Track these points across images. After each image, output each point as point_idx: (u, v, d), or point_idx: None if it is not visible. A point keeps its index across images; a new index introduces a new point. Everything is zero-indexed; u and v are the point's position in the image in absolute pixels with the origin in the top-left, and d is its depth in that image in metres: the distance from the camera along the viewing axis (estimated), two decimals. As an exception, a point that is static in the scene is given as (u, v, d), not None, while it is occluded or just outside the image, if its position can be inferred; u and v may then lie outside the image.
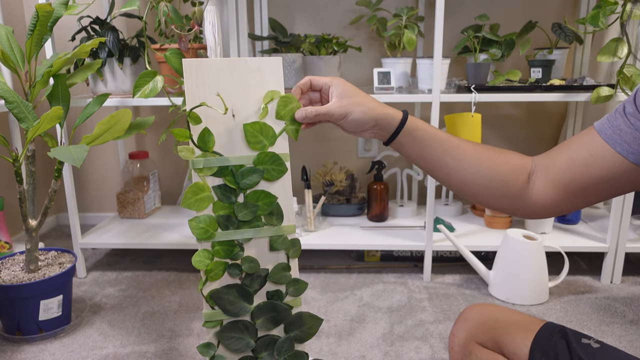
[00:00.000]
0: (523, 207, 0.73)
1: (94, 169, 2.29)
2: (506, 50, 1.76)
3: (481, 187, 0.74)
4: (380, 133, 0.76)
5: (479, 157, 0.74)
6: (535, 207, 0.72)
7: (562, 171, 0.69)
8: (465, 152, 0.74)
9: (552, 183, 0.70)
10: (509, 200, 0.73)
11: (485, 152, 0.74)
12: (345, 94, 0.75)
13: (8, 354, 1.34)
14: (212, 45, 1.50)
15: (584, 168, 0.67)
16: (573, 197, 0.69)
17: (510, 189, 0.72)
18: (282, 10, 2.04)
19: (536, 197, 0.72)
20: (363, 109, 0.74)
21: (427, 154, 0.75)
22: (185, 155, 0.79)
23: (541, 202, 0.71)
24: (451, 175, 0.75)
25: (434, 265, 1.79)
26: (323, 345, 1.35)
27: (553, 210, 0.72)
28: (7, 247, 1.75)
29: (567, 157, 0.69)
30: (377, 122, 0.74)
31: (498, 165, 0.73)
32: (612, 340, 1.35)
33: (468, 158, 0.74)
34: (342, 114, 0.74)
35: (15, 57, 1.33)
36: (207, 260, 0.81)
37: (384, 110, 0.74)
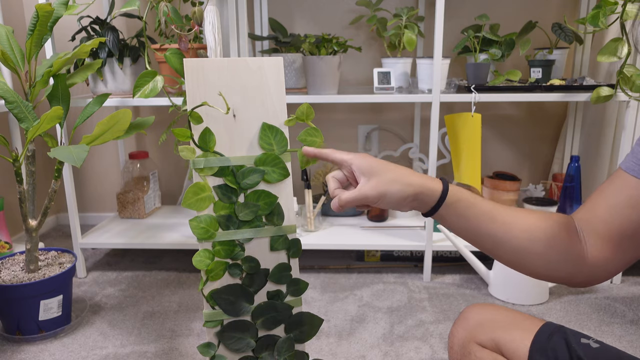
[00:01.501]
0: (582, 270, 0.66)
1: (94, 169, 2.29)
2: (506, 50, 1.76)
3: (536, 254, 0.67)
4: (420, 206, 0.70)
5: (527, 222, 0.68)
6: (593, 267, 0.66)
7: (607, 221, 0.64)
8: (513, 218, 0.68)
9: (600, 237, 0.64)
10: (571, 264, 0.66)
11: (532, 216, 0.69)
12: (374, 171, 0.70)
13: (8, 354, 1.34)
14: (212, 45, 1.50)
15: (628, 211, 0.62)
16: (627, 247, 0.64)
17: (569, 249, 0.66)
18: (282, 10, 2.04)
19: (592, 256, 0.65)
20: (399, 186, 0.69)
21: (472, 225, 0.69)
22: (186, 155, 0.79)
23: (598, 260, 0.65)
24: (501, 245, 0.69)
25: (434, 265, 1.79)
26: (323, 345, 1.35)
27: (610, 267, 0.65)
28: (7, 247, 1.75)
29: (606, 205, 0.64)
30: (417, 197, 0.69)
31: (549, 227, 0.67)
32: (612, 340, 1.36)
33: (517, 224, 0.68)
34: (377, 195, 0.69)
35: (15, 57, 1.33)
36: (207, 260, 0.81)
37: (422, 182, 0.69)
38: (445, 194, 0.69)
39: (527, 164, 2.17)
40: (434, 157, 1.64)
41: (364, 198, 0.69)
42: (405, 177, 0.69)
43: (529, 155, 2.15)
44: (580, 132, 2.02)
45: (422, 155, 2.01)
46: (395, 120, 2.14)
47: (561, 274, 0.68)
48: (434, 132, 1.62)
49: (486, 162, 2.10)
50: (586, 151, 1.99)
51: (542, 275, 0.69)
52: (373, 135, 2.14)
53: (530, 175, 2.18)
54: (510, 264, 0.70)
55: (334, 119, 2.15)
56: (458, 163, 1.74)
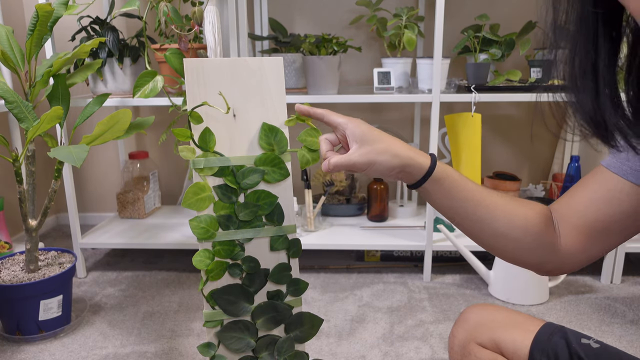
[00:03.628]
0: (555, 259, 0.69)
1: (94, 169, 2.28)
2: (506, 50, 1.76)
3: (514, 240, 0.69)
4: (407, 178, 0.71)
5: (509, 207, 0.70)
6: (565, 256, 0.68)
7: (582, 214, 0.66)
8: (496, 202, 0.70)
9: (575, 228, 0.67)
10: (543, 252, 0.69)
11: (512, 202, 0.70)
12: (366, 139, 0.70)
13: (8, 354, 1.34)
14: (212, 45, 1.50)
15: (604, 206, 0.64)
16: (599, 239, 0.66)
17: (543, 238, 0.68)
18: (282, 10, 2.04)
19: (564, 245, 0.68)
20: (387, 157, 0.69)
21: (455, 204, 0.71)
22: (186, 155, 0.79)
23: (569, 250, 0.68)
24: (480, 227, 0.70)
25: (434, 265, 1.79)
26: (323, 345, 1.35)
27: (581, 257, 0.68)
28: (7, 247, 1.75)
29: (585, 198, 0.66)
30: (404, 169, 0.69)
31: (528, 214, 0.69)
32: (612, 340, 1.36)
33: (499, 208, 0.69)
34: (365, 162, 0.69)
35: (15, 57, 1.33)
36: (207, 260, 0.81)
37: (411, 155, 0.70)
38: (433, 169, 0.70)
39: (527, 164, 2.17)
40: (434, 157, 1.64)
41: (352, 164, 0.70)
42: (396, 148, 0.70)
43: (529, 155, 2.15)
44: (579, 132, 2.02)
45: (422, 155, 2.01)
46: (395, 120, 2.14)
47: (533, 261, 0.70)
48: (434, 132, 1.62)
49: (486, 162, 2.10)
50: (586, 151, 1.99)
51: (516, 260, 0.72)
52: (373, 135, 2.14)
53: (530, 175, 2.18)
54: (486, 246, 0.73)
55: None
56: (458, 163, 1.74)
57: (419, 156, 0.70)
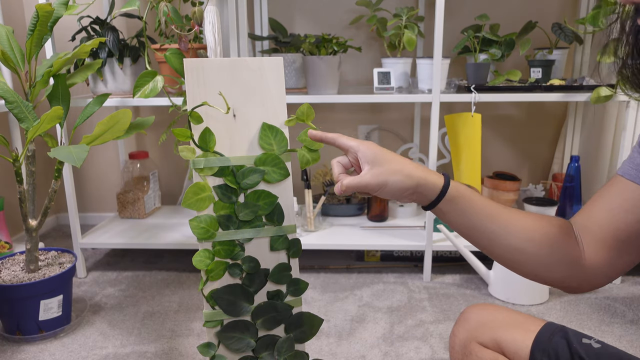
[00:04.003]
0: (579, 274, 0.67)
1: (94, 169, 2.28)
2: (506, 50, 1.76)
3: (532, 255, 0.67)
4: (420, 199, 0.71)
5: (525, 222, 0.68)
6: (590, 271, 0.66)
7: (604, 225, 0.65)
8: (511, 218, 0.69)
9: (597, 240, 0.65)
10: (566, 267, 0.67)
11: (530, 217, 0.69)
12: (378, 160, 0.70)
13: (8, 354, 1.34)
14: (212, 45, 1.50)
15: (624, 214, 0.63)
16: (623, 250, 0.64)
17: (565, 252, 0.66)
18: (282, 10, 2.04)
19: (589, 259, 0.66)
20: (400, 177, 0.68)
21: (471, 222, 0.70)
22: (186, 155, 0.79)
23: (594, 264, 0.65)
24: (497, 243, 0.69)
25: (434, 265, 1.79)
26: (323, 345, 1.35)
27: (608, 271, 0.66)
28: (7, 247, 1.75)
29: (603, 209, 0.65)
30: (417, 189, 0.69)
31: (546, 229, 0.67)
32: (612, 340, 1.36)
33: (515, 224, 0.68)
34: (377, 183, 0.69)
35: (15, 57, 1.33)
36: (207, 260, 0.81)
37: (424, 175, 0.69)
38: (446, 189, 0.69)
39: (527, 164, 2.17)
40: (434, 157, 1.64)
41: (365, 185, 0.70)
42: (408, 169, 0.69)
43: (529, 155, 2.15)
44: (580, 132, 2.02)
45: (422, 155, 2.01)
46: (395, 120, 2.14)
47: (556, 276, 0.68)
48: (434, 132, 1.62)
49: (486, 162, 2.10)
50: (586, 151, 1.99)
51: (537, 276, 0.69)
52: (373, 135, 2.14)
53: (530, 175, 2.18)
54: (505, 263, 0.71)
55: (334, 119, 2.15)
56: (458, 163, 1.74)
57: (432, 176, 0.70)
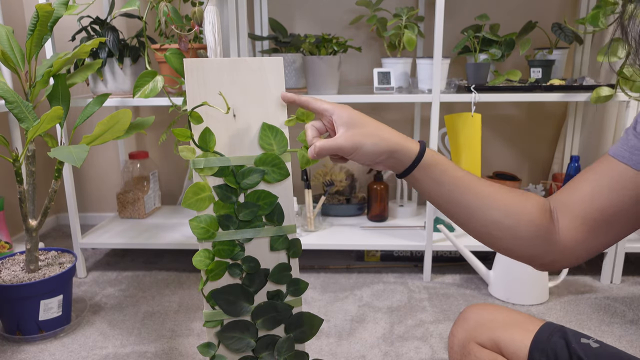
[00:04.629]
0: (552, 251, 0.66)
1: (94, 169, 2.28)
2: (506, 50, 1.76)
3: (508, 228, 0.66)
4: (395, 165, 0.69)
5: (501, 195, 0.67)
6: (563, 249, 0.65)
7: (586, 204, 0.63)
8: (487, 190, 0.67)
9: (576, 219, 0.64)
10: (539, 243, 0.66)
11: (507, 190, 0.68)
12: (353, 122, 0.69)
13: (8, 354, 1.34)
14: (212, 45, 1.50)
15: (610, 194, 0.62)
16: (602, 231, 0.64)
17: (540, 228, 0.65)
18: (282, 10, 2.04)
19: (563, 237, 0.65)
20: (375, 139, 0.67)
21: (445, 192, 0.68)
22: (186, 155, 0.79)
23: (569, 242, 0.65)
24: (473, 216, 0.67)
25: (434, 265, 1.79)
26: (323, 345, 1.35)
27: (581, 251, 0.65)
28: (7, 247, 1.75)
29: (589, 188, 0.64)
30: (392, 154, 0.67)
31: (523, 203, 0.66)
32: (612, 340, 1.36)
33: (492, 195, 0.67)
34: (351, 146, 0.67)
35: (15, 57, 1.33)
36: (207, 260, 0.81)
37: (399, 140, 0.68)
38: (422, 155, 0.67)
39: (527, 164, 2.17)
40: (434, 157, 1.63)
41: (338, 148, 0.69)
42: (384, 132, 0.68)
43: (529, 155, 2.15)
44: (580, 132, 2.02)
45: (422, 155, 2.01)
46: (395, 120, 2.14)
47: (530, 252, 0.67)
48: (434, 132, 1.62)
49: (486, 162, 2.10)
50: (586, 151, 1.99)
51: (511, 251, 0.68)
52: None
53: (530, 175, 2.18)
54: (480, 238, 0.69)
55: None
56: (458, 163, 1.74)
57: (409, 142, 0.68)
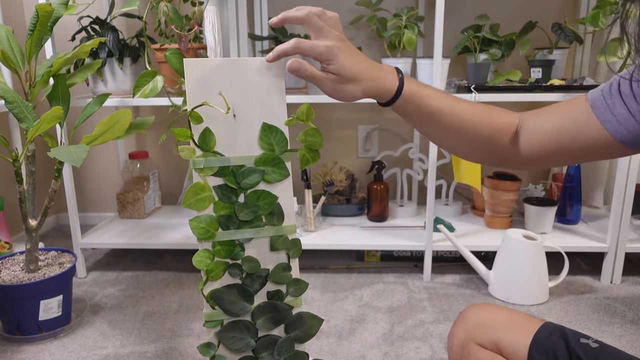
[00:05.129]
0: (506, 160, 0.78)
1: (94, 169, 2.29)
2: (506, 50, 1.76)
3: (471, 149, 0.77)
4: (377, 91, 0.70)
5: (469, 123, 0.74)
6: (516, 160, 0.77)
7: (547, 138, 0.72)
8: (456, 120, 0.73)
9: (534, 145, 0.73)
10: (496, 156, 0.77)
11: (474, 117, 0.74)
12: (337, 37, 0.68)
13: (8, 354, 1.34)
14: (212, 45, 1.50)
15: (569, 141, 0.69)
16: (553, 159, 0.74)
17: (498, 147, 0.76)
18: (282, 10, 2.03)
19: (518, 153, 0.76)
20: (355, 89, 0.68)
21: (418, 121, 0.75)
22: (186, 155, 0.79)
23: (521, 158, 0.76)
24: (440, 139, 0.77)
25: (434, 265, 1.79)
26: (323, 345, 1.35)
27: (529, 165, 0.77)
28: (7, 247, 1.75)
29: (555, 126, 0.71)
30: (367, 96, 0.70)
31: (488, 128, 0.75)
32: (612, 340, 1.36)
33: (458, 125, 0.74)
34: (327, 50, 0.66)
35: (15, 57, 1.33)
36: (207, 260, 0.81)
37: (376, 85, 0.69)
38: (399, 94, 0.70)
39: (527, 164, 2.16)
40: (434, 157, 1.64)
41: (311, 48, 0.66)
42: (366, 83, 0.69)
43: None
44: (580, 132, 2.02)
45: (422, 155, 2.01)
46: (395, 120, 2.14)
47: (489, 162, 0.80)
48: (434, 132, 1.61)
49: (486, 162, 2.10)
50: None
51: (475, 161, 0.82)
52: (373, 135, 2.14)
53: (530, 175, 2.18)
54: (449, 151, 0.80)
55: (334, 119, 2.15)
56: (458, 163, 1.74)
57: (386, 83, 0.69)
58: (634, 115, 0.63)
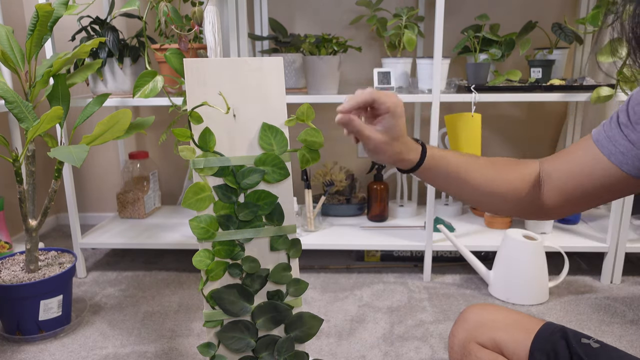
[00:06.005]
0: (535, 209, 0.77)
1: (94, 169, 2.28)
2: (506, 50, 1.76)
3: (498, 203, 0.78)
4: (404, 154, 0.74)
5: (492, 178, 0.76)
6: (544, 209, 0.76)
7: (564, 180, 0.73)
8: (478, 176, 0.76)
9: (556, 190, 0.74)
10: (524, 206, 0.77)
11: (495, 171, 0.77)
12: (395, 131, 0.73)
13: (8, 354, 1.34)
14: (212, 45, 1.50)
15: (584, 178, 0.70)
16: (577, 202, 0.73)
17: (523, 197, 0.76)
18: (282, 10, 2.04)
19: (545, 199, 0.75)
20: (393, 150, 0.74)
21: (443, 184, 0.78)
22: (186, 155, 0.79)
23: (548, 206, 0.75)
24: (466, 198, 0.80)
25: (434, 265, 1.79)
26: (323, 345, 1.35)
27: (557, 213, 0.76)
28: (7, 247, 1.75)
29: (568, 166, 0.72)
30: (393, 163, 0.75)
31: (510, 180, 0.76)
32: (612, 340, 1.36)
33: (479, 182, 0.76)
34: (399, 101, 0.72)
35: (15, 57, 1.33)
36: (207, 260, 0.81)
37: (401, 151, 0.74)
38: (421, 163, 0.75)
39: (527, 164, 2.16)
40: (434, 157, 1.63)
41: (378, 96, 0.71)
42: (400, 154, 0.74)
43: (529, 155, 2.15)
44: (580, 132, 2.02)
45: (422, 155, 2.01)
46: (395, 120, 2.13)
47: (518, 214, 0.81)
48: (434, 132, 1.62)
49: (486, 162, 2.10)
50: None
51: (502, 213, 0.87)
52: (373, 135, 2.14)
53: (530, 175, 2.18)
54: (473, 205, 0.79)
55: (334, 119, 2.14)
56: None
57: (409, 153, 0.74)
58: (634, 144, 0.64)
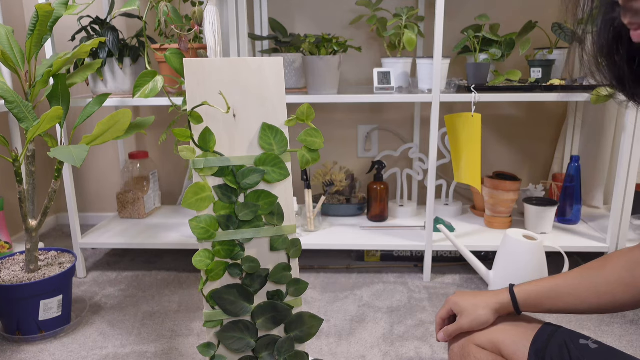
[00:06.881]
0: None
1: (94, 169, 2.29)
2: (506, 50, 1.76)
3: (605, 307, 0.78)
4: None
5: (592, 288, 0.77)
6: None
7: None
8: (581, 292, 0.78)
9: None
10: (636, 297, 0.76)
11: (593, 280, 0.78)
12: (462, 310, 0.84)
13: (8, 354, 1.34)
14: (212, 45, 1.50)
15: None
16: None
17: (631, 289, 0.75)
18: (282, 10, 2.04)
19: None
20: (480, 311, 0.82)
21: (549, 308, 0.81)
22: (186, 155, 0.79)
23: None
24: (576, 311, 0.81)
25: (434, 265, 1.79)
26: (323, 345, 1.35)
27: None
28: (7, 247, 1.75)
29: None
30: (498, 312, 0.82)
31: (609, 285, 0.76)
32: (612, 340, 1.36)
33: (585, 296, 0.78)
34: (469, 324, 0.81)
35: (15, 57, 1.33)
36: (207, 260, 0.81)
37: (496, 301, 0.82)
38: (516, 301, 0.81)
39: (527, 164, 2.17)
40: (434, 157, 1.64)
41: (460, 328, 0.83)
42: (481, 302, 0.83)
43: (529, 155, 2.15)
44: (580, 132, 2.02)
45: (422, 155, 2.01)
46: (395, 120, 2.14)
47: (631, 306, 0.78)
48: (434, 132, 1.62)
49: (486, 162, 2.10)
50: (586, 151, 1.99)
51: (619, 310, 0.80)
52: (373, 135, 2.14)
53: (530, 175, 2.18)
54: None
55: (334, 119, 2.15)
56: (458, 163, 1.74)
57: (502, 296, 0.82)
58: None
